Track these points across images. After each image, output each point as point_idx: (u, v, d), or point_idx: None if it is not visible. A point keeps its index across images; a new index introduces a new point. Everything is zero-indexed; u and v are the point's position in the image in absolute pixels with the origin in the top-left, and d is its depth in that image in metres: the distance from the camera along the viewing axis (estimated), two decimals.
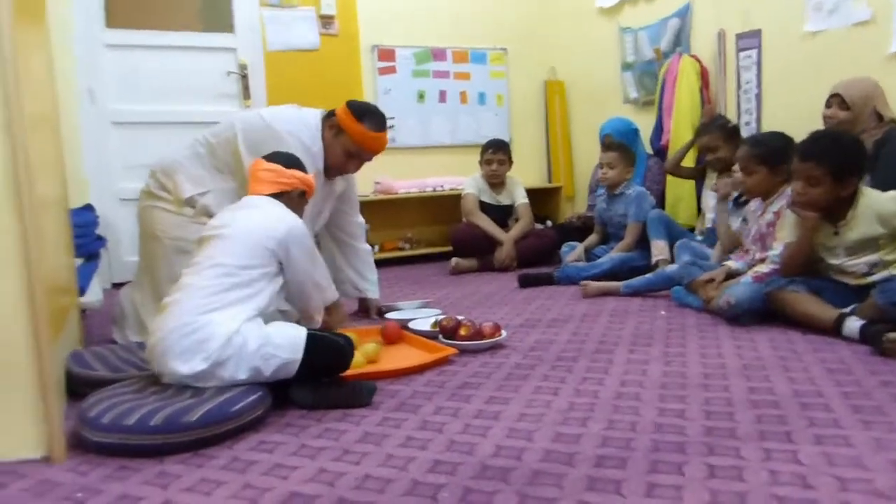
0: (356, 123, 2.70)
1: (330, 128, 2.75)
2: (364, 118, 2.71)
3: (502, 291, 3.71)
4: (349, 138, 2.72)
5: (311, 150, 2.69)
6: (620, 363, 2.22)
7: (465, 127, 5.61)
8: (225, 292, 1.87)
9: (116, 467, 1.56)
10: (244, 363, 1.80)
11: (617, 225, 4.05)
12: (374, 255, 4.94)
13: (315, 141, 2.71)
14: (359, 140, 2.72)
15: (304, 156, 2.60)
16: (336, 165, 2.80)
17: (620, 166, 3.98)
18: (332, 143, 2.75)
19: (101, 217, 4.40)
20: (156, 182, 2.75)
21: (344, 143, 2.74)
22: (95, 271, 3.43)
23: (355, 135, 2.71)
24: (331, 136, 2.75)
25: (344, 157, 2.77)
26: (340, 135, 2.73)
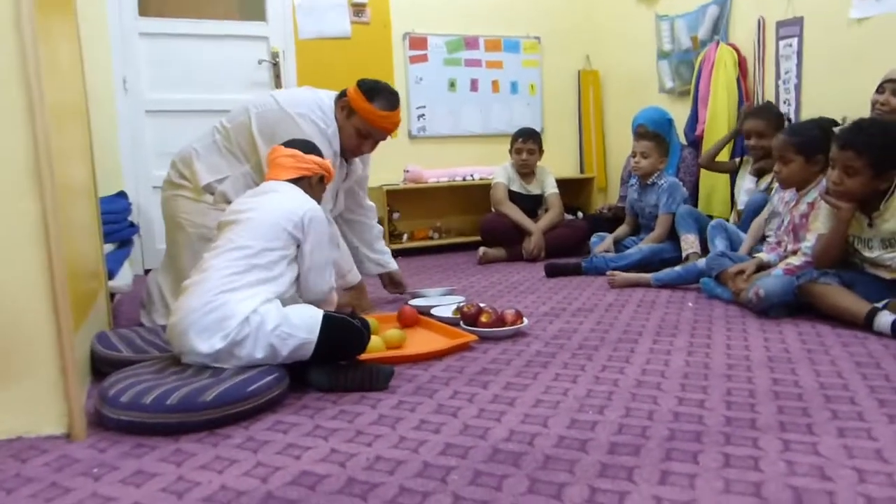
0: (366, 103, 2.69)
1: (341, 108, 2.74)
2: (374, 97, 2.70)
3: (529, 281, 3.70)
4: (360, 118, 2.71)
5: (326, 132, 2.69)
6: (643, 353, 2.20)
7: (497, 116, 5.59)
8: (245, 273, 1.90)
9: (133, 445, 1.59)
10: (261, 342, 1.83)
11: (648, 216, 4.01)
12: (403, 244, 5.05)
13: (329, 123, 2.72)
14: (370, 120, 2.71)
15: (317, 138, 2.62)
16: (350, 147, 2.80)
17: (654, 156, 3.94)
18: (345, 125, 2.75)
19: (134, 204, 4.48)
20: (176, 171, 2.80)
21: (355, 123, 2.73)
22: (127, 257, 3.49)
23: (366, 114, 2.70)
24: (343, 118, 2.75)
25: (357, 137, 2.77)
26: (352, 115, 2.73)
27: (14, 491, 1.39)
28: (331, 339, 1.89)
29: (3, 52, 1.57)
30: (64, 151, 1.91)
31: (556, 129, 5.80)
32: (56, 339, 1.63)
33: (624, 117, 5.19)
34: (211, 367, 1.83)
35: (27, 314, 1.62)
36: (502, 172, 4.67)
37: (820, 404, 1.69)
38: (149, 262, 4.56)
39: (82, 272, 2.10)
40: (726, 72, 4.30)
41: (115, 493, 1.36)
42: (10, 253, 1.60)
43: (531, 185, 4.69)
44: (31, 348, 1.63)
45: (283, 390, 1.82)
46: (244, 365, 1.83)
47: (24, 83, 1.57)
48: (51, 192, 1.60)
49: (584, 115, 5.82)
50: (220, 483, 1.38)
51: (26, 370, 1.64)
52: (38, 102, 1.58)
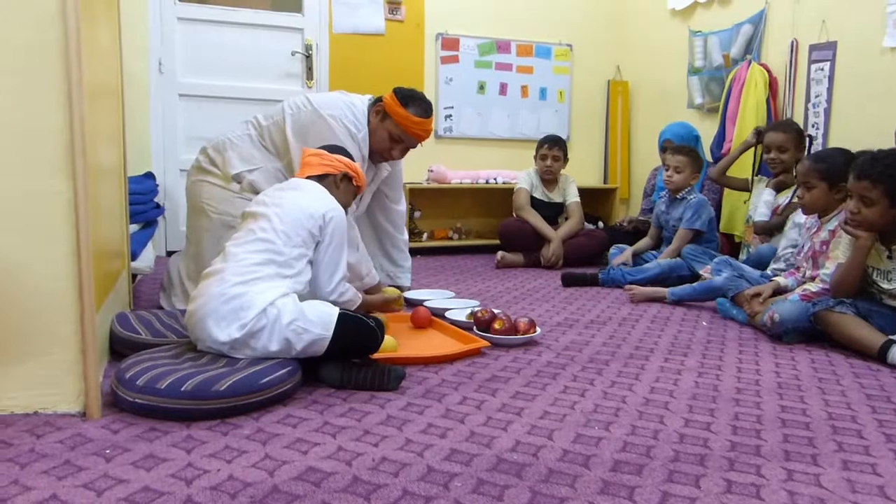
0: (401, 108, 2.74)
1: (376, 113, 2.80)
2: (409, 104, 2.75)
3: (545, 289, 3.71)
4: (393, 122, 2.76)
5: (356, 136, 2.73)
6: (653, 370, 2.20)
7: (524, 121, 5.59)
8: (264, 266, 1.92)
9: (146, 428, 1.62)
10: (276, 335, 1.85)
11: (672, 230, 3.99)
12: (424, 243, 5.06)
13: (360, 126, 2.76)
14: (403, 125, 2.76)
15: (347, 140, 2.66)
16: (381, 150, 2.84)
17: (687, 171, 3.92)
18: (378, 128, 2.79)
19: (161, 186, 4.53)
20: (206, 158, 2.84)
21: (388, 127, 2.78)
22: (150, 238, 3.54)
23: (400, 119, 2.75)
24: (376, 121, 2.79)
25: (389, 141, 2.81)
26: (386, 119, 2.78)
27: (27, 466, 1.42)
28: (345, 336, 1.91)
29: (49, 35, 1.60)
30: (97, 131, 1.94)
31: (583, 138, 5.79)
32: (78, 319, 1.67)
33: (651, 130, 5.18)
34: (226, 356, 1.86)
35: (52, 293, 1.65)
36: (525, 178, 4.67)
37: (826, 435, 1.68)
38: (172, 243, 4.62)
39: (107, 252, 2.14)
40: (756, 91, 4.27)
41: (126, 476, 1.39)
42: (40, 232, 1.63)
43: (553, 193, 4.69)
44: (53, 326, 1.66)
45: (294, 384, 1.84)
46: (258, 356, 1.85)
47: (65, 66, 1.60)
48: (83, 173, 1.63)
49: (611, 126, 5.81)
50: (227, 473, 1.41)
51: (47, 347, 1.67)
52: (76, 85, 1.61)
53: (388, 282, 3.26)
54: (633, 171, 5.78)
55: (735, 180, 4.07)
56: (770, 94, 4.28)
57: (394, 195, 3.21)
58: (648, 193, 4.89)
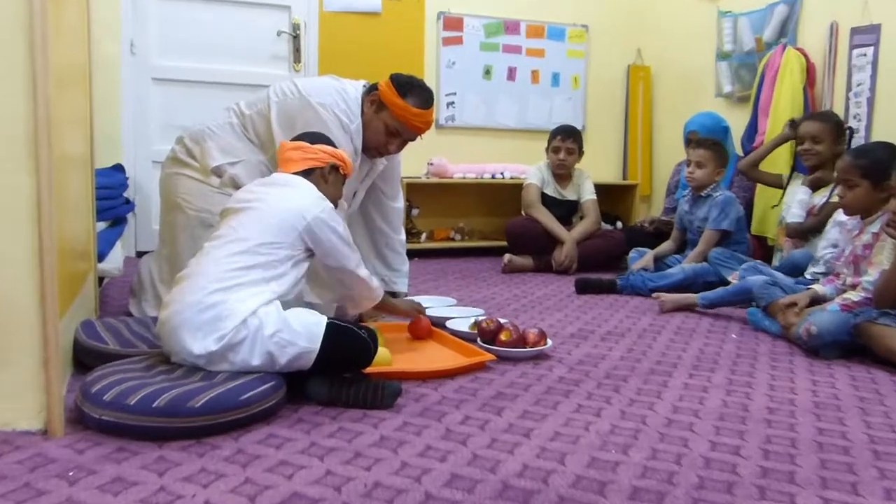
0: (399, 98, 2.72)
1: (371, 102, 2.78)
2: (408, 93, 2.73)
3: (557, 296, 3.71)
4: (390, 114, 2.74)
5: (348, 126, 2.72)
6: (676, 388, 2.20)
7: (535, 110, 5.60)
8: (246, 270, 1.92)
9: (114, 448, 1.62)
10: (258, 348, 1.85)
11: (696, 231, 4.00)
12: (421, 244, 5.07)
13: (353, 116, 2.75)
14: (401, 116, 2.74)
15: (338, 132, 2.65)
16: (376, 144, 2.83)
17: (711, 166, 3.92)
18: (373, 120, 2.78)
19: (132, 179, 4.54)
20: (183, 148, 2.84)
21: (385, 119, 2.76)
22: (119, 237, 3.54)
23: (397, 111, 2.73)
24: (371, 112, 2.78)
25: (385, 134, 2.80)
26: (382, 110, 2.76)
27: None
28: (334, 349, 1.91)
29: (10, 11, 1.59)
30: (63, 119, 1.94)
31: (599, 129, 5.80)
32: (40, 326, 1.66)
33: (675, 121, 5.18)
34: (203, 369, 1.86)
35: (11, 298, 1.65)
36: (536, 173, 4.68)
37: (867, 461, 1.68)
38: (143, 243, 4.62)
39: (71, 253, 2.14)
40: (792, 79, 4.28)
41: (91, 500, 1.39)
42: None
43: (567, 190, 4.69)
44: (11, 335, 1.66)
45: (278, 401, 1.84)
46: (238, 371, 1.85)
47: (28, 47, 1.59)
48: (47, 165, 1.63)
49: (630, 116, 5.82)
50: (204, 498, 1.41)
51: (4, 357, 1.67)
52: (41, 69, 1.60)
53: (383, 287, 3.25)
54: (656, 165, 5.79)
55: (767, 175, 4.08)
56: (807, 81, 4.28)
57: (390, 191, 3.21)
58: (672, 191, 4.89)
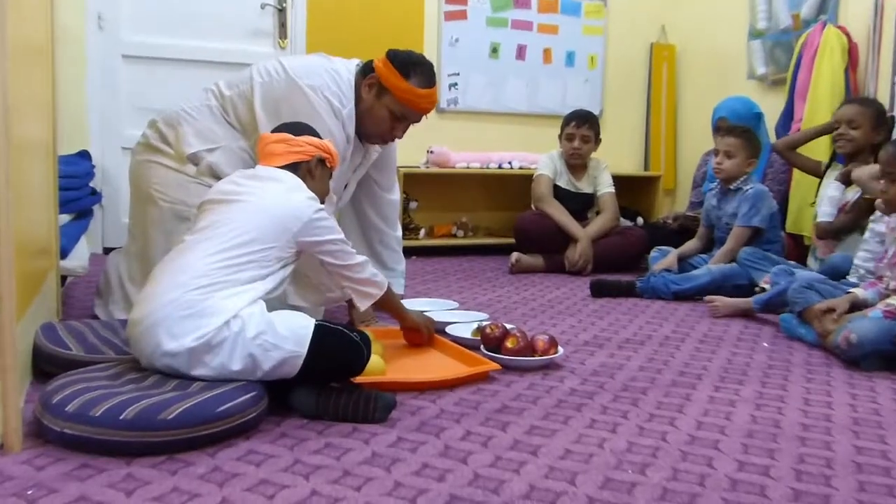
0: (402, 80, 2.73)
1: (369, 87, 2.78)
2: (411, 73, 2.74)
3: (570, 299, 3.72)
4: (394, 99, 2.76)
5: (340, 112, 2.73)
6: (701, 401, 2.21)
7: (547, 93, 5.61)
8: (233, 268, 1.93)
9: (78, 464, 1.63)
10: (239, 351, 1.86)
11: (724, 228, 4.00)
12: (420, 241, 5.08)
13: (345, 100, 2.76)
14: (407, 101, 2.76)
15: (329, 118, 2.66)
16: (380, 132, 2.85)
17: (741, 156, 3.92)
18: (375, 106, 2.80)
19: (99, 167, 4.55)
20: (156, 133, 2.84)
21: (388, 104, 2.78)
22: (84, 232, 3.56)
23: (402, 95, 2.74)
24: (372, 98, 2.79)
25: (390, 121, 2.82)
26: (384, 95, 2.77)
27: None
28: (323, 354, 1.92)
29: None
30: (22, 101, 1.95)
31: (618, 115, 5.81)
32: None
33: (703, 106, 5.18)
34: (176, 377, 1.87)
35: None
36: (548, 163, 4.68)
37: None
38: (111, 239, 4.64)
39: (31, 248, 2.15)
40: (832, 60, 4.28)
41: None
42: None
43: (581, 182, 4.70)
44: None
45: (259, 413, 1.84)
46: (216, 377, 1.86)
47: None
48: (4, 153, 1.63)
49: (653, 100, 5.83)
50: None
51: None
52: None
53: None
54: (681, 155, 5.79)
55: (805, 160, 4.07)
56: (849, 63, 4.29)
57: (385, 182, 3.22)
58: (698, 184, 4.90)
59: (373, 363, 2.14)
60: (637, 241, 4.57)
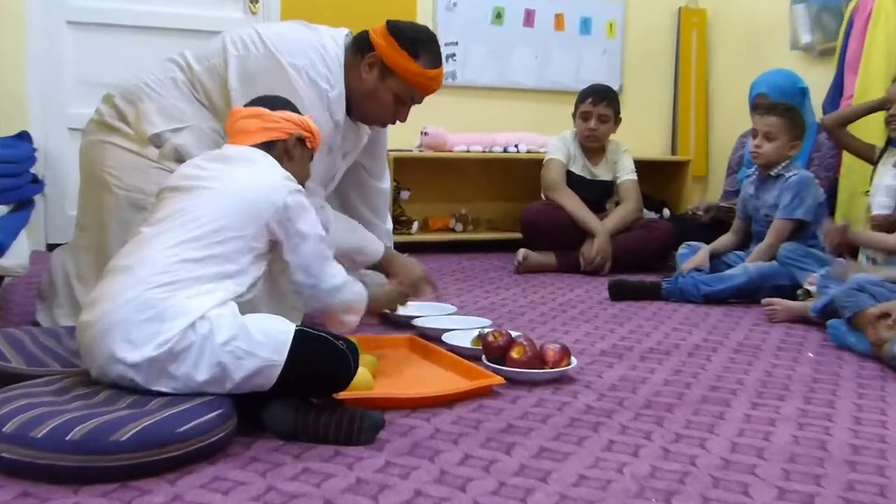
0: (411, 62, 2.75)
1: (369, 66, 2.78)
2: (420, 53, 2.76)
3: (585, 303, 3.73)
4: (401, 81, 2.78)
5: (328, 93, 2.73)
6: (735, 420, 2.21)
7: (559, 65, 5.61)
8: (197, 263, 1.92)
9: (17, 493, 1.62)
10: (206, 358, 1.85)
11: (763, 220, 4.00)
12: (414, 236, 5.07)
13: (334, 81, 2.75)
14: (416, 83, 2.80)
15: (315, 102, 2.65)
16: (382, 116, 2.89)
17: (783, 138, 3.91)
18: (379, 90, 2.81)
19: (42, 151, 4.54)
20: (112, 109, 2.82)
21: (394, 87, 2.80)
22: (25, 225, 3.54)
23: (411, 77, 2.77)
24: (374, 80, 2.80)
25: (392, 104, 2.85)
26: (388, 77, 2.78)
27: None
28: (304, 363, 1.91)
29: None
30: None
31: (641, 90, 5.81)
32: None
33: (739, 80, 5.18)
34: (132, 391, 1.86)
35: None
36: (560, 146, 4.69)
37: None
38: (55, 233, 4.62)
39: None
40: (887, 27, 4.28)
41: None
42: None
43: (599, 167, 4.70)
44: None
45: (227, 433, 1.84)
46: (179, 391, 1.86)
47: None
48: None
49: (681, 73, 5.83)
50: None
51: None
52: None
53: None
54: (713, 137, 5.79)
55: (857, 141, 4.07)
56: None
57: (374, 168, 3.22)
58: (734, 170, 4.90)
59: (359, 377, 2.14)
60: (663, 236, 4.58)
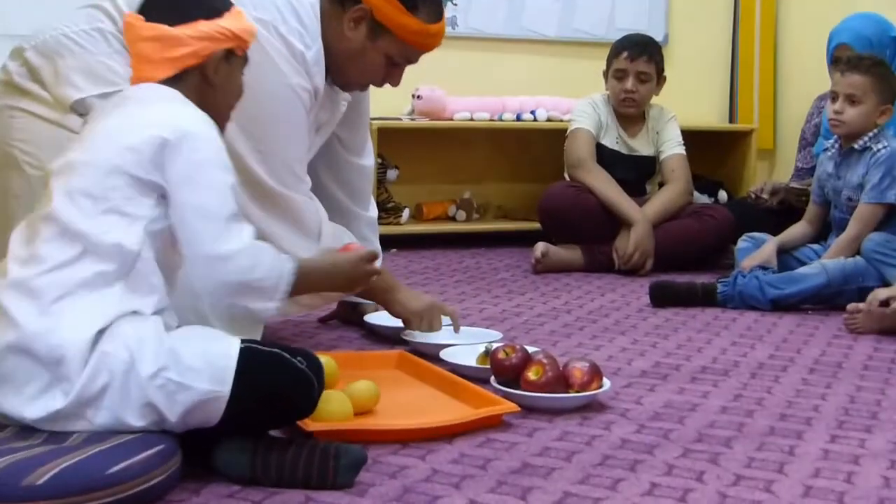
0: (408, 17, 2.74)
1: (355, 22, 2.78)
2: (418, 4, 2.76)
3: (621, 311, 3.74)
4: (396, 40, 2.78)
5: (302, 55, 2.74)
6: (810, 456, 2.22)
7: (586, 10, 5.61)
8: (70, 265, 1.89)
9: None
10: (132, 398, 1.84)
11: (846, 206, 4.00)
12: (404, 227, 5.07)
13: (310, 40, 2.75)
14: (412, 41, 2.80)
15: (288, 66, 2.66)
16: (370, 79, 2.91)
17: (870, 101, 3.91)
18: (368, 51, 2.81)
19: None
20: (22, 66, 2.81)
21: (386, 48, 2.80)
22: None
23: (409, 35, 2.77)
24: (361, 39, 2.79)
25: (383, 66, 2.86)
26: (380, 35, 2.78)
27: None
28: (255, 391, 1.91)
29: None
30: None
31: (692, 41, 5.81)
32: None
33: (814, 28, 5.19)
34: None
35: None
36: (588, 112, 4.70)
37: None
38: None
39: None
40: None
41: None
42: None
43: (638, 139, 4.72)
44: None
45: (168, 476, 1.84)
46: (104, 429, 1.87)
47: None
48: None
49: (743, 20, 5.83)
50: None
51: None
52: None
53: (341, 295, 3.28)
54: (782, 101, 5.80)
55: None
56: None
57: (353, 141, 3.22)
58: (809, 142, 4.90)
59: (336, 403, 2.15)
60: (718, 226, 4.60)
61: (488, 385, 2.55)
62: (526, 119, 5.26)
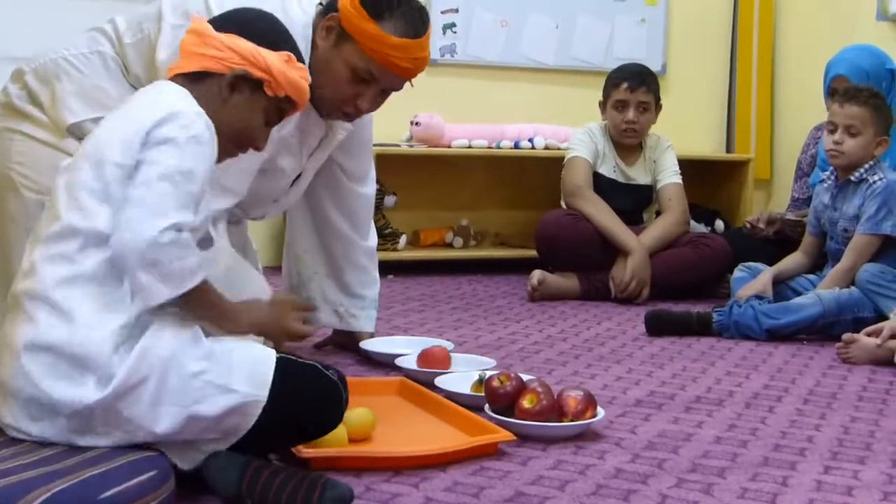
0: (370, 23, 2.68)
1: (326, 31, 2.75)
2: (385, 12, 2.70)
3: (617, 339, 3.74)
4: (357, 49, 2.71)
5: None
6: (804, 487, 2.21)
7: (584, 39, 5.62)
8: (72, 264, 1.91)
9: None
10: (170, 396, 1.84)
11: (842, 237, 4.01)
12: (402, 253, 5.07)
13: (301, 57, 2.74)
14: (374, 53, 2.71)
15: None
16: (337, 98, 2.80)
17: (867, 133, 3.92)
18: (331, 58, 2.76)
19: None
20: (22, 89, 2.82)
21: (349, 56, 2.73)
22: None
23: (369, 42, 2.69)
24: (328, 46, 2.76)
25: (349, 82, 2.77)
26: (344, 43, 2.73)
27: None
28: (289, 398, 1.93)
29: None
30: None
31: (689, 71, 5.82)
32: None
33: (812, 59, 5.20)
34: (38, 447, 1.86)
35: None
36: (585, 141, 4.71)
37: None
38: None
39: None
40: None
41: None
42: None
43: (635, 168, 4.72)
44: None
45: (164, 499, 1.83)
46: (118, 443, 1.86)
47: None
48: None
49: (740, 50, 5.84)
50: None
51: None
52: None
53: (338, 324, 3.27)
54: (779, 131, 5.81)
55: None
56: None
57: (355, 168, 3.21)
58: (805, 172, 4.91)
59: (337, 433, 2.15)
60: (715, 256, 4.60)
61: (482, 413, 2.55)
62: (524, 147, 5.27)
